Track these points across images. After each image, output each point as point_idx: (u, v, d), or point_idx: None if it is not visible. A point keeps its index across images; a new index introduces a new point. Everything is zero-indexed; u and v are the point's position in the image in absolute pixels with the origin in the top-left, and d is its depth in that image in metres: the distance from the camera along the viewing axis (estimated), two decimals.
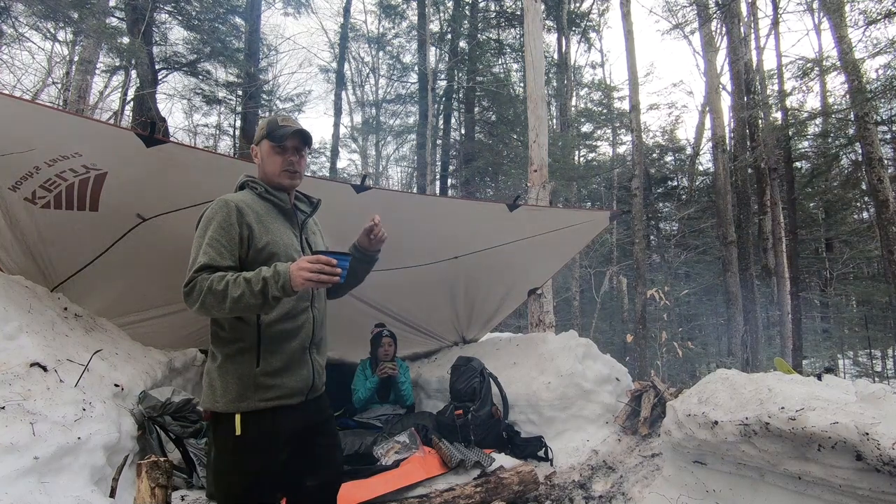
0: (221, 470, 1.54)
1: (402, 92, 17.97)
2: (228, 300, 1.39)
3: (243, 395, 1.51)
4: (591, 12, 17.50)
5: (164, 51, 11.43)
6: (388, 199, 3.86)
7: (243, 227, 1.54)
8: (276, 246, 1.58)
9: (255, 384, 1.52)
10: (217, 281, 1.41)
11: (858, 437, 1.65)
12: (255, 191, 1.65)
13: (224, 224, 1.51)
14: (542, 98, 6.07)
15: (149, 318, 3.74)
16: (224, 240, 1.50)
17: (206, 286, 1.40)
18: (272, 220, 1.62)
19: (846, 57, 7.07)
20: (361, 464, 2.94)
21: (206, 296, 1.40)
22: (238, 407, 1.50)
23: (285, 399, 1.56)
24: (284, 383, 1.57)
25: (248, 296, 1.39)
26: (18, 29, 7.58)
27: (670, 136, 17.60)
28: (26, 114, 2.35)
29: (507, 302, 5.00)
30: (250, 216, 1.56)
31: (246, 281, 1.41)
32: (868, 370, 13.56)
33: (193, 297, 1.42)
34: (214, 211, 1.54)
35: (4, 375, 2.10)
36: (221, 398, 1.51)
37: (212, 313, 1.45)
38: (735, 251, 10.67)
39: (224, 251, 1.49)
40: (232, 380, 1.52)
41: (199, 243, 1.50)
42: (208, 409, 1.55)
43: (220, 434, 1.54)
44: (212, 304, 1.41)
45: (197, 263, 1.45)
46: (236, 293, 1.39)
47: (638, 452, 3.31)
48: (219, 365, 1.55)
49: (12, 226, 2.84)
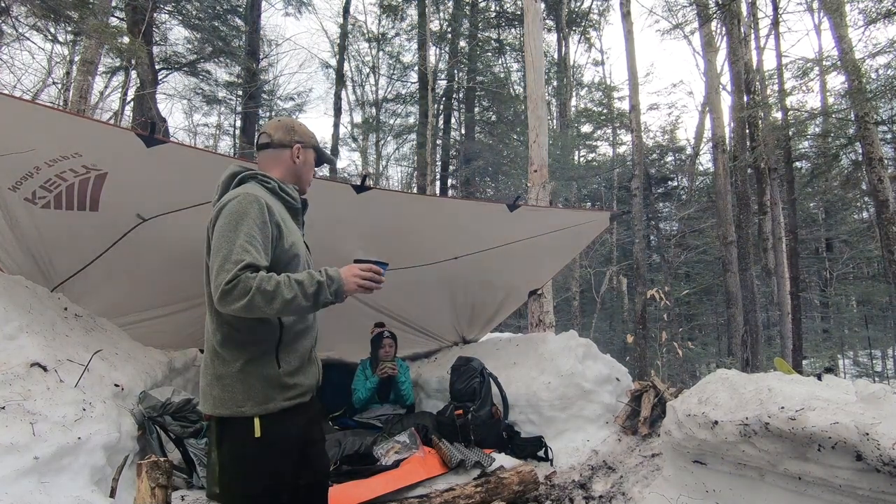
0: (238, 474, 1.49)
1: (402, 91, 17.99)
2: (279, 301, 1.36)
3: (269, 396, 1.48)
4: (591, 11, 17.50)
5: (164, 51, 11.45)
6: (388, 200, 3.86)
7: (273, 226, 1.50)
8: (298, 247, 1.57)
9: (279, 385, 1.50)
10: (266, 281, 1.36)
11: (858, 437, 1.65)
12: (266, 185, 1.59)
13: (258, 221, 1.45)
14: (542, 98, 6.07)
15: (149, 318, 3.74)
16: (260, 238, 1.44)
17: (255, 285, 1.35)
18: (289, 219, 1.61)
19: (846, 57, 7.07)
20: (361, 464, 2.94)
21: (254, 295, 1.34)
22: (266, 409, 1.47)
23: (302, 397, 1.58)
24: (302, 382, 1.57)
25: (301, 298, 1.38)
26: (18, 29, 7.58)
27: (670, 136, 17.60)
28: (26, 114, 2.35)
29: (508, 302, 5.00)
30: (276, 215, 1.52)
31: (298, 283, 1.39)
32: (868, 370, 13.55)
33: (236, 294, 1.35)
34: (245, 206, 1.46)
35: (4, 375, 2.10)
36: (245, 402, 1.46)
37: (254, 313, 1.39)
38: (735, 251, 10.66)
39: (262, 250, 1.44)
40: (257, 382, 1.48)
41: (230, 238, 1.41)
42: (227, 415, 1.48)
43: (234, 438, 1.50)
44: (259, 304, 1.35)
45: (238, 261, 1.37)
46: (289, 295, 1.37)
47: (638, 452, 3.31)
48: (239, 369, 1.48)
49: (12, 226, 2.84)
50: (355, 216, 3.42)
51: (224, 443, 1.52)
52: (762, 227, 11.16)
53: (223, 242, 1.41)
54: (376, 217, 3.49)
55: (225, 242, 1.41)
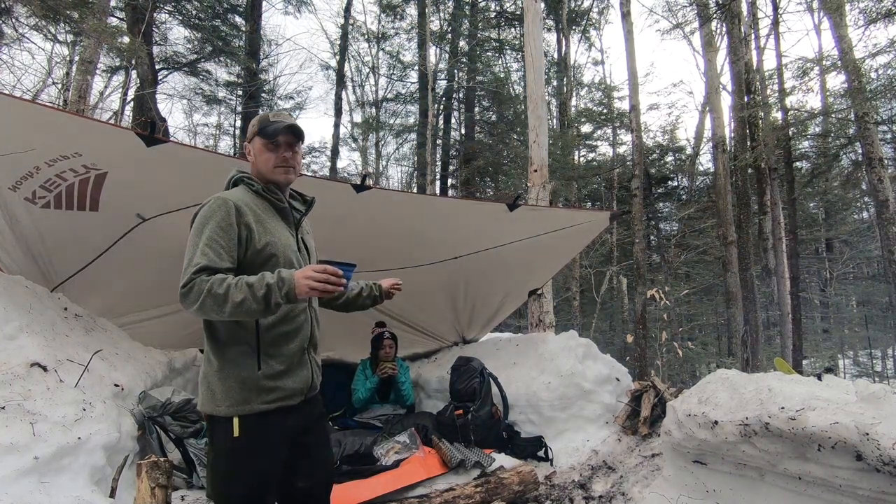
0: (220, 473, 1.52)
1: (402, 91, 17.99)
2: (229, 304, 1.36)
3: (246, 398, 1.49)
4: (592, 10, 17.49)
5: (164, 51, 11.45)
6: (388, 199, 3.85)
7: (242, 228, 1.49)
8: (275, 247, 1.54)
9: (257, 387, 1.50)
10: (217, 284, 1.37)
11: (858, 437, 1.65)
12: (251, 188, 1.60)
13: (223, 224, 1.46)
14: (542, 98, 6.07)
15: (149, 318, 3.74)
16: (223, 240, 1.45)
17: (206, 288, 1.36)
18: (270, 219, 1.58)
19: (846, 57, 7.07)
20: (361, 464, 2.94)
21: (205, 298, 1.36)
22: (241, 410, 1.48)
23: (286, 400, 1.55)
24: (285, 385, 1.55)
25: (251, 301, 1.36)
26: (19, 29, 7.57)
27: (670, 136, 17.59)
28: (26, 114, 2.35)
29: (508, 302, 5.00)
30: (249, 216, 1.51)
31: (248, 286, 1.37)
32: (868, 370, 13.56)
33: (191, 298, 1.38)
34: (212, 210, 1.47)
35: (4, 375, 2.10)
36: (223, 402, 1.49)
37: (210, 316, 1.42)
38: (735, 251, 10.65)
39: (223, 252, 1.44)
40: (234, 384, 1.49)
41: (195, 243, 1.44)
42: (208, 413, 1.52)
43: (217, 437, 1.52)
44: (211, 308, 1.37)
45: (195, 265, 1.40)
46: (238, 298, 1.36)
47: (638, 452, 3.31)
48: (217, 369, 1.51)
49: (12, 226, 2.84)
50: (355, 216, 3.42)
51: (211, 444, 1.57)
52: (762, 227, 11.16)
53: (189, 247, 1.46)
54: (376, 217, 3.49)
55: (190, 247, 1.45)
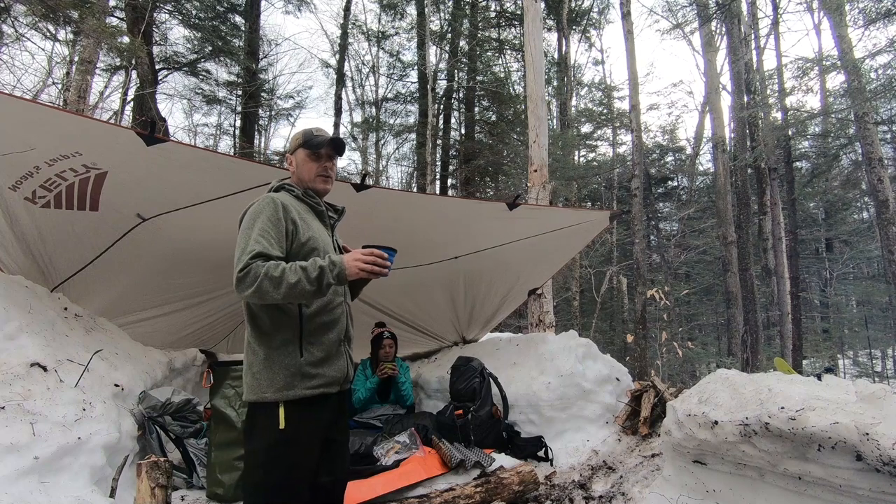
0: (261, 464, 1.57)
1: (402, 91, 17.98)
2: (284, 285, 1.47)
3: (290, 383, 1.58)
4: (592, 10, 17.49)
5: (164, 51, 11.45)
6: (388, 199, 3.85)
7: (288, 223, 1.64)
8: (316, 242, 1.70)
9: (300, 373, 1.60)
10: (273, 267, 1.49)
11: (858, 437, 1.65)
12: (291, 192, 1.76)
13: (273, 218, 1.60)
14: (542, 98, 6.07)
15: (149, 318, 3.74)
16: (273, 232, 1.59)
17: (263, 272, 1.47)
18: (310, 219, 1.75)
19: (846, 56, 7.07)
20: (361, 464, 2.94)
21: (262, 281, 1.47)
22: (286, 395, 1.57)
23: (327, 387, 1.66)
24: (326, 373, 1.66)
25: (304, 282, 1.49)
26: (18, 29, 7.57)
27: (670, 136, 17.61)
28: (26, 113, 2.34)
29: (508, 302, 5.00)
30: (293, 213, 1.67)
31: (302, 269, 1.51)
32: (868, 370, 13.57)
33: (248, 281, 1.48)
34: (262, 206, 1.63)
35: (4, 375, 2.10)
36: (269, 388, 1.57)
37: (265, 298, 1.50)
38: (735, 251, 10.66)
39: (274, 242, 1.58)
40: (278, 370, 1.59)
41: (247, 235, 1.57)
42: (253, 401, 1.60)
43: (261, 428, 1.59)
44: (267, 289, 1.47)
45: (250, 251, 1.52)
46: (293, 279, 1.48)
47: (638, 452, 3.31)
48: (263, 358, 1.61)
49: (12, 225, 2.83)
50: (355, 215, 3.41)
51: (251, 433, 1.63)
52: (762, 227, 11.17)
53: (241, 238, 1.59)
54: (376, 216, 3.48)
55: (242, 238, 1.58)
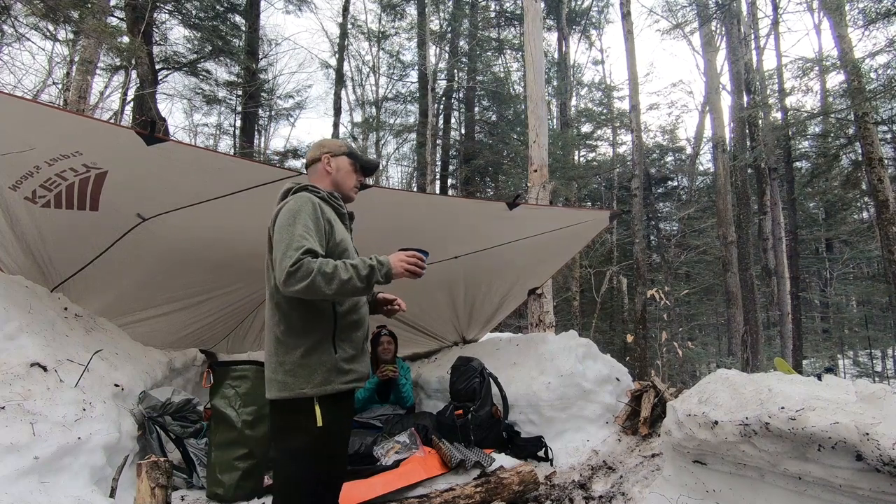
0: (300, 461, 1.61)
1: (402, 91, 17.98)
2: (336, 281, 1.51)
3: (328, 379, 1.64)
4: (591, 10, 17.49)
5: (164, 51, 11.44)
6: (388, 198, 3.85)
7: (325, 222, 1.69)
8: (346, 243, 1.76)
9: (336, 369, 1.66)
10: (325, 264, 1.52)
11: (858, 437, 1.65)
12: (316, 194, 1.76)
13: (312, 216, 1.64)
14: (542, 98, 6.07)
15: (149, 317, 3.74)
16: (315, 230, 1.63)
17: (315, 268, 1.50)
18: (338, 221, 1.80)
19: (846, 56, 7.07)
20: (361, 464, 2.94)
21: (315, 276, 1.49)
22: (324, 390, 1.62)
23: (358, 382, 1.73)
24: (357, 368, 1.73)
25: (356, 280, 1.54)
26: (19, 29, 7.57)
27: (670, 136, 17.61)
28: (26, 113, 2.34)
29: (508, 302, 5.00)
30: (328, 213, 1.73)
31: (353, 266, 1.56)
32: (868, 370, 13.57)
33: (299, 276, 1.50)
34: (300, 204, 1.65)
35: (4, 375, 2.10)
36: (306, 384, 1.61)
37: (313, 294, 1.53)
38: (735, 251, 10.66)
39: (317, 240, 1.62)
40: (316, 366, 1.63)
41: (289, 231, 1.58)
42: (289, 397, 1.61)
43: (299, 424, 1.61)
44: (319, 285, 1.50)
45: (299, 247, 1.53)
46: (345, 276, 1.53)
47: (638, 452, 3.31)
48: (301, 355, 1.63)
49: (12, 225, 2.83)
50: (355, 214, 3.41)
51: (286, 430, 1.64)
52: (762, 227, 11.17)
53: (284, 234, 1.59)
54: (375, 216, 3.48)
55: (286, 234, 1.59)
